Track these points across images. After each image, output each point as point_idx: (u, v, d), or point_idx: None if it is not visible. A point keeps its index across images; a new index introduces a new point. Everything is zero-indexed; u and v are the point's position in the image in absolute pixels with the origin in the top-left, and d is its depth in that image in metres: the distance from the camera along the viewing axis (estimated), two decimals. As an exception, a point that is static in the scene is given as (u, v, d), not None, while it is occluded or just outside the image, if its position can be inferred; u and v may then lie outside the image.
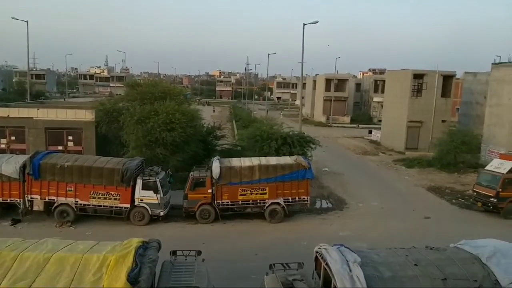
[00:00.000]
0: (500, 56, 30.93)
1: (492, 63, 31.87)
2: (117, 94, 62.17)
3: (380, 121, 49.05)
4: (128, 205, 17.01)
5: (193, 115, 22.84)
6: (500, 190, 19.17)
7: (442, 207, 21.34)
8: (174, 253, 9.31)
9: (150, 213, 17.10)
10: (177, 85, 59.34)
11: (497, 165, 20.22)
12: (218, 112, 72.58)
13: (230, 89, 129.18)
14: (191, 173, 18.11)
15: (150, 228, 16.62)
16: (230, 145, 28.56)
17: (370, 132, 46.82)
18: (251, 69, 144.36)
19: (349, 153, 37.72)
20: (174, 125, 20.74)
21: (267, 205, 17.88)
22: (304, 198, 18.35)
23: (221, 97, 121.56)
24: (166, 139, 20.63)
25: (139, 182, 17.06)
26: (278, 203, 17.89)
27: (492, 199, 19.42)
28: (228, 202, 17.81)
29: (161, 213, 17.23)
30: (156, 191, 16.98)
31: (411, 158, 32.78)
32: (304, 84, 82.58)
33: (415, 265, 8.09)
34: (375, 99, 64.01)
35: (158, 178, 17.13)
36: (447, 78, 36.84)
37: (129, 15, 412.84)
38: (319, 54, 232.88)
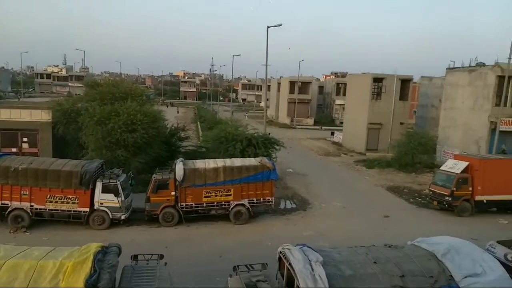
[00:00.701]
0: (454, 62, 32.74)
1: (447, 68, 33.47)
2: (76, 94, 59.99)
3: (342, 123, 50.27)
4: (87, 209, 16.41)
5: (155, 116, 22.40)
6: (454, 189, 20.12)
7: (400, 206, 22.15)
8: (135, 257, 9.09)
9: (111, 217, 16.57)
10: (139, 85, 57.97)
11: (452, 166, 21.23)
12: (182, 113, 71.64)
13: (195, 90, 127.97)
14: (154, 175, 17.73)
15: (110, 233, 16.11)
16: (194, 146, 28.26)
17: (332, 133, 47.91)
18: (216, 70, 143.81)
19: (312, 154, 38.39)
20: (135, 126, 20.25)
21: (231, 206, 17.83)
22: (269, 199, 18.46)
23: (185, 98, 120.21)
24: (127, 140, 20.10)
25: (98, 185, 16.50)
26: (243, 205, 17.89)
27: (447, 198, 20.36)
28: (192, 204, 17.59)
29: (122, 217, 16.75)
30: (117, 194, 16.48)
31: (372, 159, 33.81)
32: (269, 86, 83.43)
33: (375, 263, 8.35)
34: (337, 101, 65.58)
35: (119, 180, 16.63)
36: (405, 82, 38.34)
37: (89, 13, 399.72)
38: (283, 57, 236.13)
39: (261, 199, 18.32)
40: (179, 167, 17.32)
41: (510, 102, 27.68)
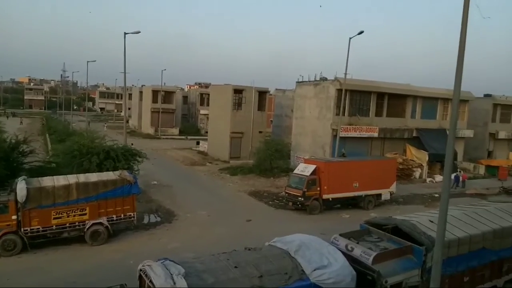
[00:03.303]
0: (302, 76, 36.19)
1: (296, 82, 37.14)
2: None
3: (207, 132, 51.13)
4: None
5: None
6: (306, 190, 22.36)
7: (261, 209, 23.54)
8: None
9: None
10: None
11: (302, 169, 23.54)
12: (26, 124, 63.12)
13: (43, 98, 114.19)
14: (-11, 198, 15.08)
15: None
16: (42, 162, 25.00)
17: (198, 143, 48.33)
18: (68, 77, 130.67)
19: (178, 164, 37.99)
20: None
21: (87, 226, 16.32)
22: (130, 215, 17.49)
23: (30, 107, 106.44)
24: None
25: None
26: (100, 223, 16.53)
27: (300, 198, 22.47)
28: (39, 228, 15.49)
29: None
30: None
31: (235, 166, 35.19)
32: (130, 95, 79.75)
33: (235, 267, 8.64)
34: (202, 111, 66.55)
35: None
36: (262, 94, 41.17)
37: None
38: (145, 65, 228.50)
39: (122, 215, 17.24)
40: (20, 186, 15.10)
41: (348, 112, 32.21)
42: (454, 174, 30.66)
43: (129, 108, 76.88)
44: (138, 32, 26.51)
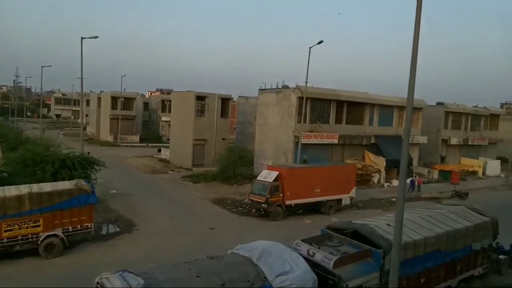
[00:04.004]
0: (265, 84, 36.55)
1: (259, 89, 37.44)
2: None
3: (169, 139, 50.34)
4: None
5: None
6: (269, 196, 22.48)
7: (224, 216, 23.39)
8: None
9: None
10: None
11: (265, 175, 23.67)
12: (-26, 132, 59.12)
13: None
14: None
15: None
16: (-9, 172, 23.61)
17: (159, 150, 47.43)
18: (21, 82, 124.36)
19: (138, 172, 37.08)
20: None
21: (41, 239, 15.52)
22: (88, 226, 16.82)
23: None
24: None
25: None
26: (55, 235, 15.78)
27: (263, 204, 22.55)
28: (-13, 242, 14.57)
29: None
30: None
31: (198, 174, 34.79)
32: (88, 101, 77.16)
33: (197, 276, 8.52)
34: (163, 118, 65.49)
35: None
36: (225, 101, 41.19)
37: None
38: (104, 71, 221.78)
39: (78, 226, 16.55)
40: (-33, 198, 14.16)
41: (309, 119, 32.83)
42: (410, 178, 31.98)
43: (86, 115, 74.35)
44: (96, 37, 25.83)
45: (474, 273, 14.16)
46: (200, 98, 39.89)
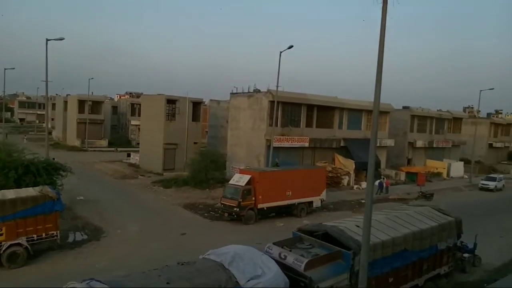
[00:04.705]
0: (236, 87, 36.60)
1: (231, 93, 37.45)
2: None
3: (138, 144, 49.42)
4: None
5: None
6: (241, 200, 22.46)
7: (196, 221, 23.15)
8: None
9: None
10: None
11: (238, 179, 23.64)
12: None
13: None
14: None
15: None
16: None
17: (129, 155, 46.45)
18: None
19: (107, 178, 36.16)
20: None
21: (4, 248, 14.86)
22: (53, 233, 16.24)
23: None
24: None
25: None
26: (19, 244, 15.15)
27: (236, 208, 22.50)
28: None
29: None
30: None
31: (169, 179, 34.30)
32: (53, 104, 74.67)
33: (167, 283, 8.37)
34: (133, 122, 64.30)
35: None
36: (196, 104, 40.88)
37: None
38: (70, 74, 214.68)
39: (43, 234, 15.96)
40: None
41: (280, 123, 33.12)
42: (378, 180, 32.83)
43: (52, 119, 71.96)
44: (62, 39, 25.07)
45: (440, 271, 14.63)
46: (171, 101, 39.42)
